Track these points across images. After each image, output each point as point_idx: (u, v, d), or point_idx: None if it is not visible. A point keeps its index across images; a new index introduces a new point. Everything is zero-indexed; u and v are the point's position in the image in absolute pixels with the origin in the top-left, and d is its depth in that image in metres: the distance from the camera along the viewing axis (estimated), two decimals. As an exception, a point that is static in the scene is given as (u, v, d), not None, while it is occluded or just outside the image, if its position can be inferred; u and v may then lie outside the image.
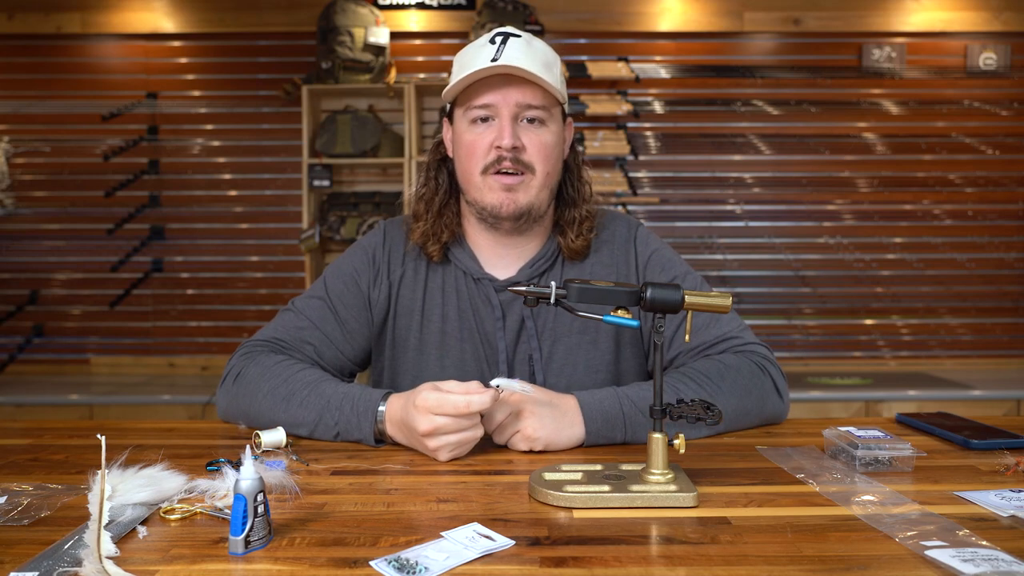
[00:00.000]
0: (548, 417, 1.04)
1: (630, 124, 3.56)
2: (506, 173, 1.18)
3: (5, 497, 0.84)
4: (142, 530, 0.75)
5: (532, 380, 1.24)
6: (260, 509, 0.70)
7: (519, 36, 1.17)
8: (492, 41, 1.16)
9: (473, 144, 1.19)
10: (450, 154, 1.29)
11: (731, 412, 1.11)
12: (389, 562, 0.67)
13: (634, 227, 1.33)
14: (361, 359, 1.32)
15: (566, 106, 1.25)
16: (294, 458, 1.00)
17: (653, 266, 1.29)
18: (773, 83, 3.58)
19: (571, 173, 1.29)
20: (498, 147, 1.16)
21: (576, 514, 0.80)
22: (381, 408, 1.06)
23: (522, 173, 1.18)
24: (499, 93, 1.16)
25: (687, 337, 0.90)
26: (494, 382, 0.99)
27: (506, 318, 1.25)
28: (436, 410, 0.96)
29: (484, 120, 1.18)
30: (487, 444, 1.06)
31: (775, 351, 1.27)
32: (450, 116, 1.27)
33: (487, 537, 0.73)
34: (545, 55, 1.18)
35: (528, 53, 1.15)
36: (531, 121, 1.18)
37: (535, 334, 1.25)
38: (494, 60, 1.14)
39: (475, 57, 1.16)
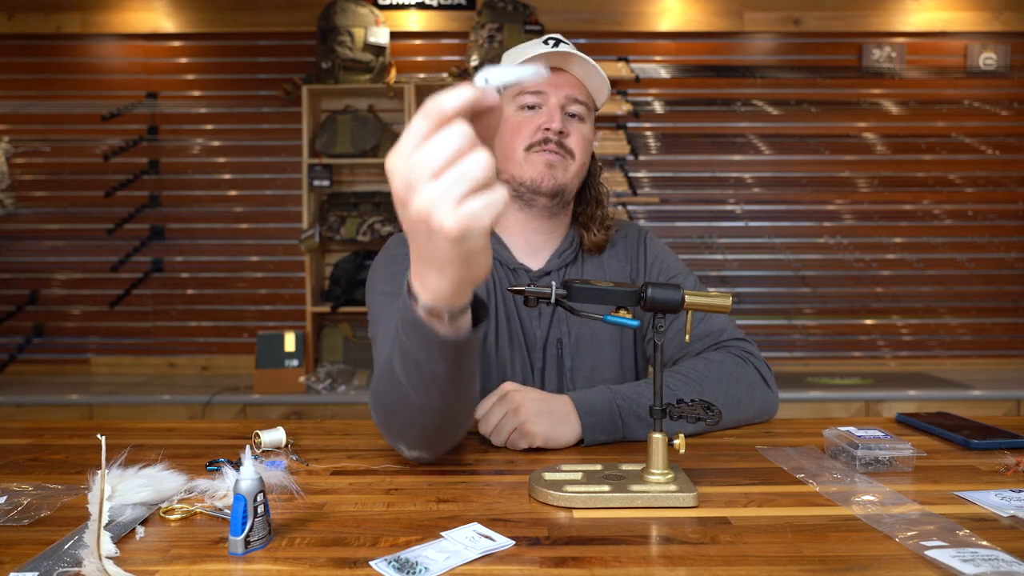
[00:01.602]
0: (544, 413, 1.05)
1: (630, 124, 3.56)
2: (550, 152, 1.26)
3: (5, 497, 0.84)
4: (142, 530, 0.75)
5: (560, 362, 1.29)
6: (260, 509, 0.70)
7: (568, 44, 1.28)
8: (546, 42, 1.27)
9: (521, 124, 1.27)
10: None
11: (722, 400, 1.15)
12: (389, 562, 0.67)
13: (645, 231, 1.45)
14: None
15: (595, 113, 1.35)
16: (294, 458, 1.00)
17: (658, 263, 1.39)
18: (773, 83, 3.58)
19: (593, 176, 1.38)
20: (547, 129, 1.24)
21: (576, 514, 0.80)
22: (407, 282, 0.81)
23: (563, 156, 1.26)
24: (551, 84, 1.25)
25: (687, 337, 0.91)
26: (480, 75, 0.65)
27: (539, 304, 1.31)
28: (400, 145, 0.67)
29: (532, 108, 1.27)
30: (487, 444, 1.07)
31: (775, 351, 1.28)
32: None
33: (487, 537, 0.73)
34: (591, 61, 1.28)
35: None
36: (572, 116, 1.28)
37: (564, 318, 1.31)
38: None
39: (531, 49, 1.26)
